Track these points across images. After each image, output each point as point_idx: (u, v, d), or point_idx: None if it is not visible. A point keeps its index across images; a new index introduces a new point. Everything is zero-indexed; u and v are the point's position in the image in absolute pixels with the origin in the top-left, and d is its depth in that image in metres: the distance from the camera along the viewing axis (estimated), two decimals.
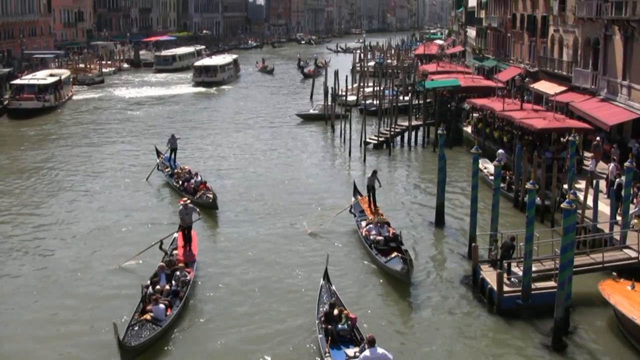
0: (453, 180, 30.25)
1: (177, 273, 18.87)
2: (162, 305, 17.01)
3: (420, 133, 40.83)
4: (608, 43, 33.60)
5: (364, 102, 47.48)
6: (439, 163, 24.85)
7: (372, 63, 76.54)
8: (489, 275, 18.87)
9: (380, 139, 39.31)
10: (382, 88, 49.97)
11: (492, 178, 23.46)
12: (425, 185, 31.19)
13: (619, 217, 21.80)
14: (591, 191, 22.92)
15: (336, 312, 16.38)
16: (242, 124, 47.65)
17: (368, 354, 13.57)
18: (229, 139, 42.07)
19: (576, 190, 24.38)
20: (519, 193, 26.50)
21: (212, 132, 44.46)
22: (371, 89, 54.58)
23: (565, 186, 25.00)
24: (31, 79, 53.61)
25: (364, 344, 14.49)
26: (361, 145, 37.61)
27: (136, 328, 16.32)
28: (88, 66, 74.84)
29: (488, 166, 30.07)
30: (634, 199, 22.87)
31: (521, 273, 18.42)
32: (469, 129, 39.72)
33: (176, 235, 21.96)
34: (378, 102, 44.53)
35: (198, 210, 22.58)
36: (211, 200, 26.40)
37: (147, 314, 16.75)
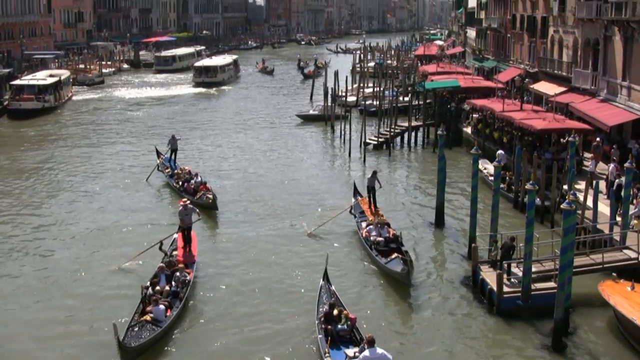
0: (453, 180, 30.26)
1: (177, 274, 18.88)
2: (162, 306, 17.03)
3: (420, 134, 40.84)
4: (608, 44, 33.61)
5: (364, 103, 47.41)
6: (439, 164, 24.86)
7: (372, 64, 76.47)
8: (489, 275, 18.88)
9: (380, 140, 39.31)
10: (382, 89, 49.93)
11: (492, 179, 23.47)
12: (425, 185, 31.20)
13: (619, 218, 21.81)
14: (591, 192, 22.92)
15: (336, 313, 16.39)
16: (242, 125, 47.64)
17: (367, 354, 13.58)
18: (229, 140, 42.06)
19: (576, 191, 24.39)
20: (519, 194, 26.51)
21: (212, 133, 44.46)
22: (371, 90, 54.55)
23: (565, 187, 24.99)
24: (31, 80, 53.58)
25: (364, 344, 14.52)
26: (361, 145, 37.61)
27: (136, 329, 16.33)
28: (88, 67, 74.82)
29: (488, 167, 30.08)
30: (634, 200, 22.87)
31: (521, 274, 18.42)
32: (469, 130, 39.73)
33: (176, 236, 21.95)
34: (378, 103, 44.52)
35: (198, 211, 22.56)
36: (211, 200, 26.39)
37: (147, 315, 16.75)
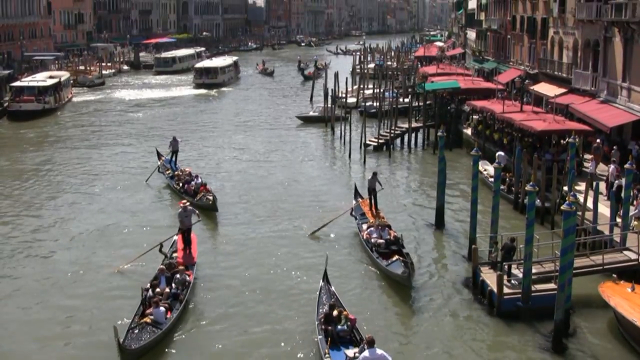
0: (453, 182, 30.25)
1: (177, 276, 18.86)
2: (162, 308, 17.01)
3: (420, 135, 40.83)
4: (608, 45, 33.62)
5: (364, 104, 47.42)
6: (439, 165, 24.85)
7: (372, 65, 76.44)
8: (489, 277, 18.87)
9: (380, 141, 39.30)
10: (382, 90, 49.93)
11: (492, 180, 23.46)
12: (425, 187, 31.19)
13: (619, 219, 21.78)
14: (591, 193, 22.91)
15: (336, 313, 16.38)
16: (243, 126, 47.65)
17: (367, 355, 13.57)
18: (229, 141, 42.06)
19: (576, 192, 24.40)
20: (519, 195, 26.50)
21: (213, 134, 44.47)
22: (371, 91, 54.51)
23: (565, 188, 24.97)
24: (31, 81, 53.60)
25: (363, 345, 14.52)
26: (361, 147, 37.62)
27: (136, 331, 16.31)
28: (88, 68, 74.89)
29: (488, 168, 30.07)
30: (634, 201, 22.85)
31: (521, 275, 18.40)
32: (469, 131, 39.72)
33: (176, 237, 21.93)
34: (378, 104, 44.46)
35: (197, 212, 22.50)
36: (211, 202, 26.37)
37: (147, 317, 16.74)
